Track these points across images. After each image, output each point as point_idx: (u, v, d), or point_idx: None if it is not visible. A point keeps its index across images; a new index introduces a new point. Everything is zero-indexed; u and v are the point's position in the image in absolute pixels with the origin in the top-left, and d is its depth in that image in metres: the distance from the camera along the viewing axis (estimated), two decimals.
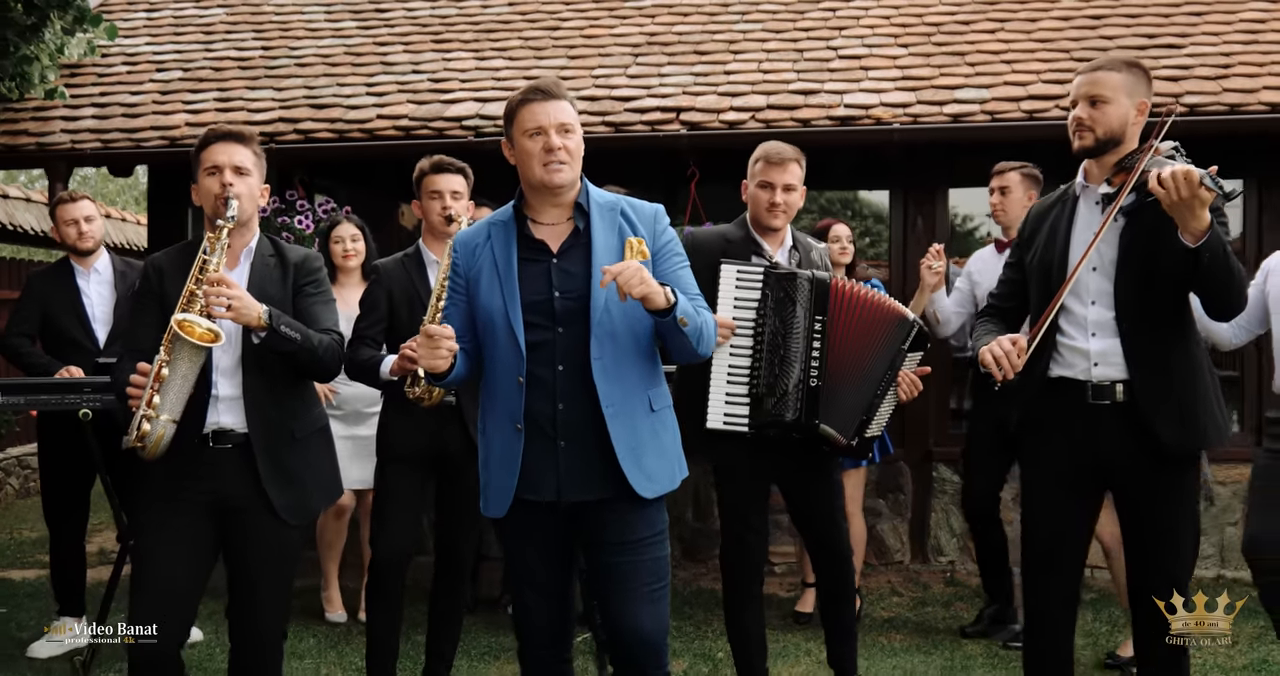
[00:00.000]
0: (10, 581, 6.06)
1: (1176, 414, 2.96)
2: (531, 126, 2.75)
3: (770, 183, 3.71)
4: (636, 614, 2.78)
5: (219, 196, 3.06)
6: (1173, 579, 3.02)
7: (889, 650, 4.63)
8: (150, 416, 2.89)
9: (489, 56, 6.56)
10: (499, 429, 2.78)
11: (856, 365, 3.58)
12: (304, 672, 4.39)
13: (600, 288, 2.69)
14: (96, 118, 6.21)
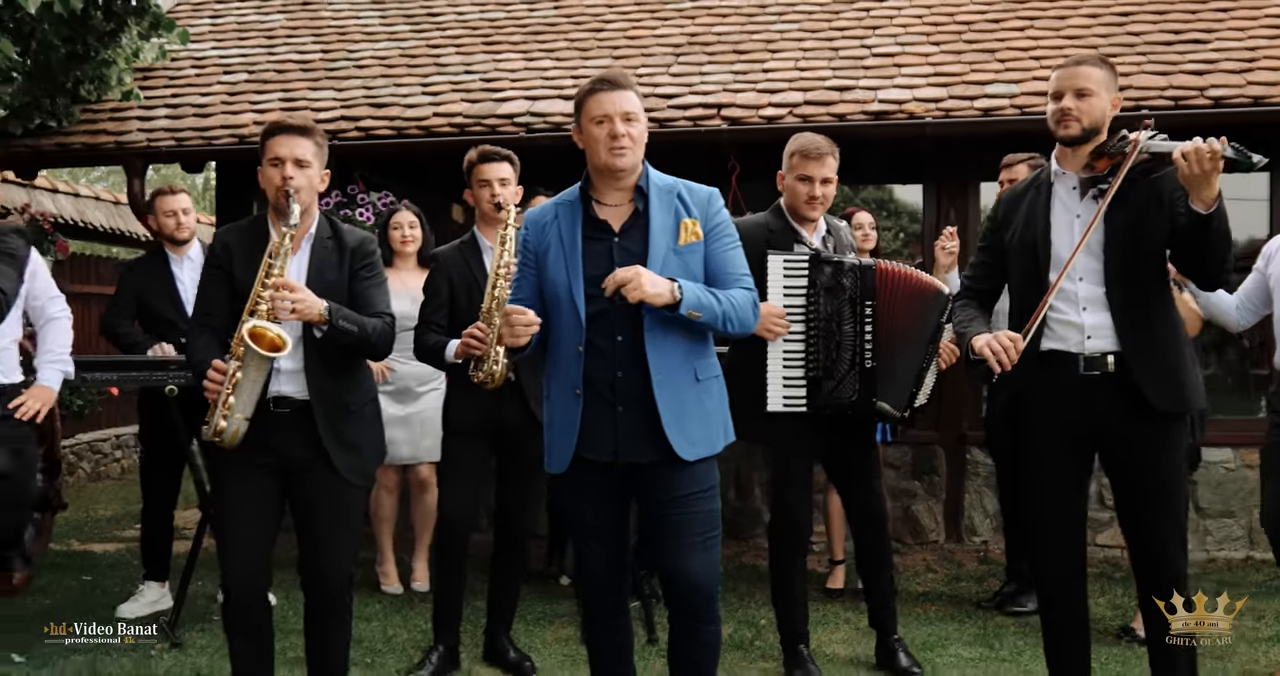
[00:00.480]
0: (93, 553, 6.44)
1: (1163, 378, 3.18)
2: (598, 114, 3.00)
3: (809, 176, 3.96)
4: (689, 562, 3.03)
5: (280, 188, 3.34)
6: (1167, 539, 3.24)
7: (923, 619, 4.88)
8: (226, 415, 3.21)
9: (537, 57, 6.86)
10: (561, 393, 3.05)
11: (904, 341, 3.84)
12: (373, 633, 4.71)
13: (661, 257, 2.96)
14: (170, 118, 6.57)
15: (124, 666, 4.29)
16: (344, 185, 6.36)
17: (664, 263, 2.98)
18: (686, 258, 3.03)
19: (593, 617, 3.28)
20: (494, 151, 4.16)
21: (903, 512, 6.25)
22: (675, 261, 3.01)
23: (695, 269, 3.04)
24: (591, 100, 3.03)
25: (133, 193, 6.50)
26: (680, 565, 3.05)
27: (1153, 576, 3.29)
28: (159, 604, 5.11)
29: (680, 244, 3.03)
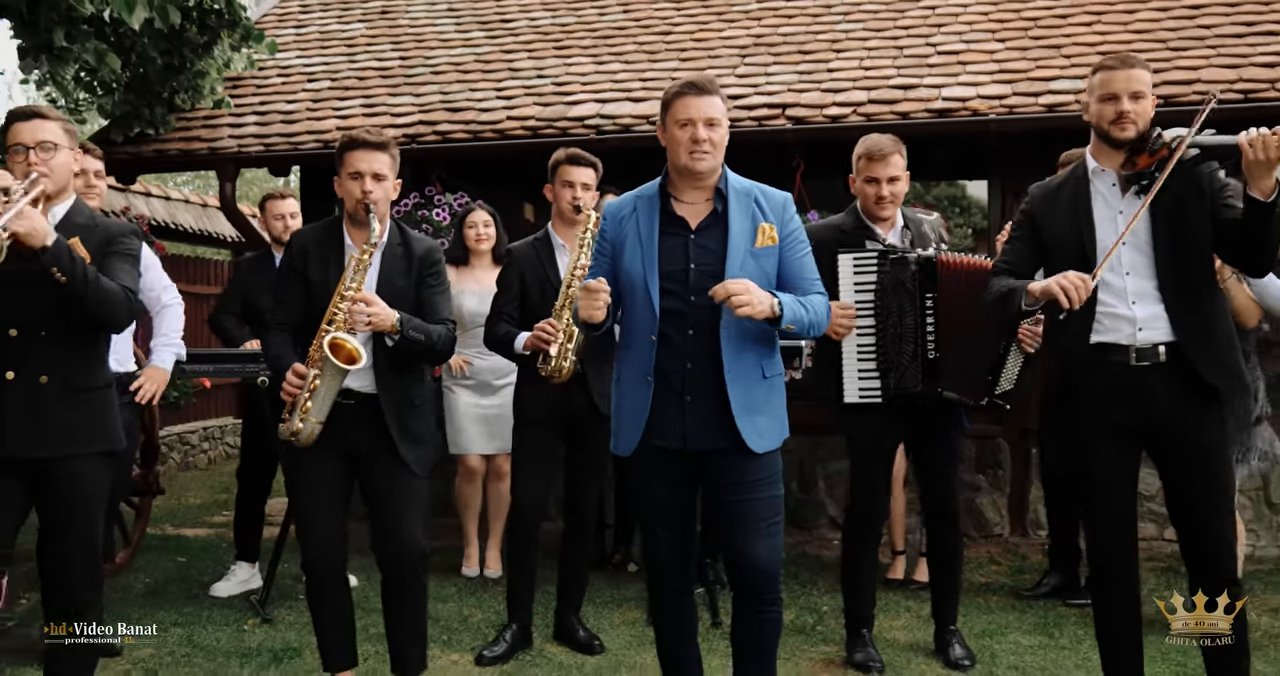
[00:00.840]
0: (186, 537, 6.77)
1: (1219, 360, 3.28)
2: (683, 117, 3.13)
3: (875, 177, 4.08)
4: (754, 546, 3.19)
5: (360, 202, 3.56)
6: (1221, 514, 3.32)
7: (985, 608, 4.96)
8: (304, 418, 3.46)
9: (606, 61, 7.05)
10: (632, 380, 3.20)
11: (970, 330, 3.93)
12: (449, 613, 4.93)
13: (739, 259, 3.12)
14: (258, 124, 6.88)
15: (219, 639, 4.57)
16: (421, 187, 6.62)
17: (742, 264, 3.13)
18: (762, 260, 3.17)
19: (659, 600, 3.45)
20: (582, 156, 4.33)
21: (967, 506, 6.32)
22: (752, 264, 3.15)
23: (770, 271, 3.18)
24: (678, 103, 3.16)
25: (224, 195, 6.82)
26: (746, 549, 3.20)
27: (1205, 570, 3.35)
28: (249, 583, 5.39)
29: (757, 247, 3.17)
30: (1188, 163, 3.24)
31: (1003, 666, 4.18)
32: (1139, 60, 3.43)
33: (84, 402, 3.32)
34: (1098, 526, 3.49)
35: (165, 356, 4.62)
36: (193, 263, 10.67)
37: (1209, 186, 3.27)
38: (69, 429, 3.27)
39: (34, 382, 3.23)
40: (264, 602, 4.96)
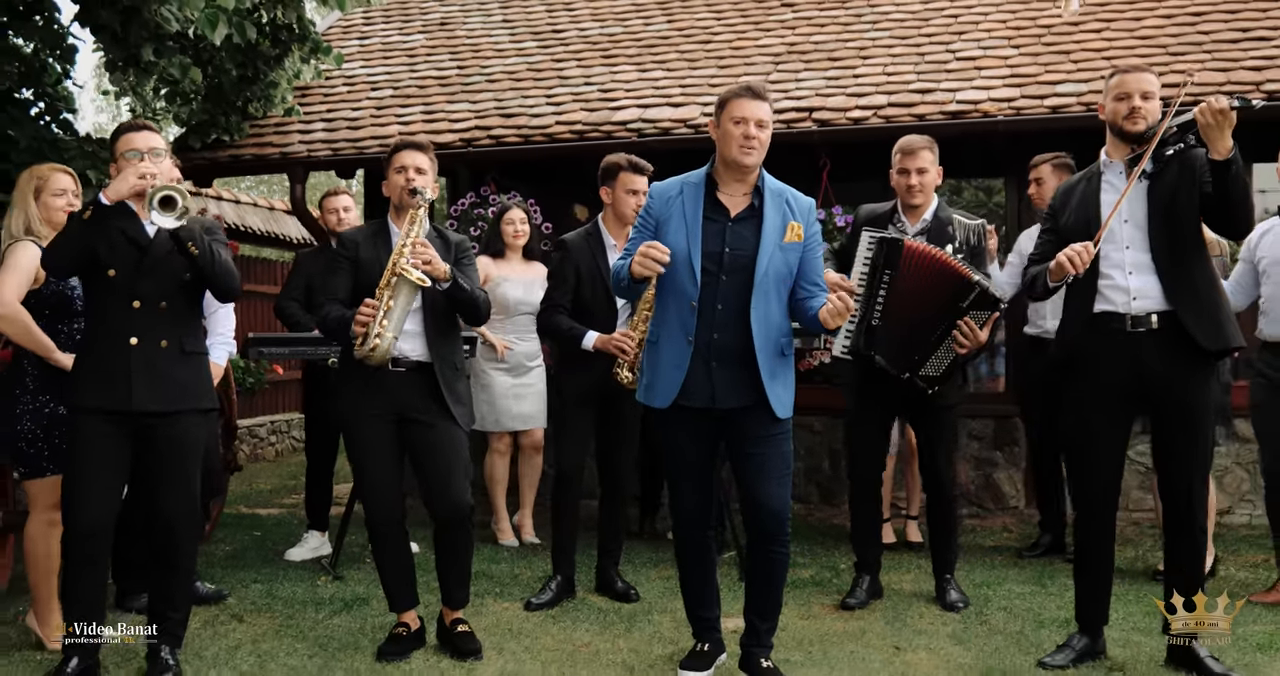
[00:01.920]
0: (259, 515, 7.35)
1: (1208, 323, 3.69)
2: (738, 116, 3.58)
3: (906, 168, 4.61)
4: (769, 491, 3.68)
5: (404, 188, 4.12)
6: (1199, 469, 3.77)
7: (988, 565, 5.41)
8: (380, 333, 3.96)
9: (649, 68, 7.55)
10: (672, 340, 3.64)
11: (913, 312, 4.40)
12: (501, 573, 5.44)
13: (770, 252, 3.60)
14: (326, 131, 7.46)
15: (295, 592, 5.10)
16: (477, 187, 7.16)
17: (771, 255, 3.61)
18: (788, 254, 3.65)
19: (683, 543, 3.93)
20: (643, 166, 4.80)
21: (984, 480, 6.76)
22: (779, 256, 3.63)
23: (793, 265, 3.66)
24: (735, 103, 3.62)
25: (295, 196, 7.41)
26: (762, 494, 3.69)
27: (1176, 516, 3.81)
28: (320, 549, 5.94)
29: (785, 241, 3.64)
30: (1170, 138, 3.69)
31: (994, 608, 4.64)
32: (1148, 67, 3.95)
33: (193, 364, 3.91)
34: (1085, 477, 3.93)
35: (220, 353, 5.12)
36: (259, 263, 11.31)
37: (1198, 168, 3.69)
38: (181, 386, 3.83)
39: (155, 347, 3.79)
40: (335, 563, 5.51)
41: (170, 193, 3.58)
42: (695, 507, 3.85)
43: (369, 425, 4.11)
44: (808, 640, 4.22)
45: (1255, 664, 3.86)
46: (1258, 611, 4.54)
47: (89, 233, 3.68)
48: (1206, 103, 3.51)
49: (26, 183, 4.26)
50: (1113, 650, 3.99)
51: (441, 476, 4.13)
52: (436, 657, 4.09)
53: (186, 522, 3.91)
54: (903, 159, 4.62)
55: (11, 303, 4.06)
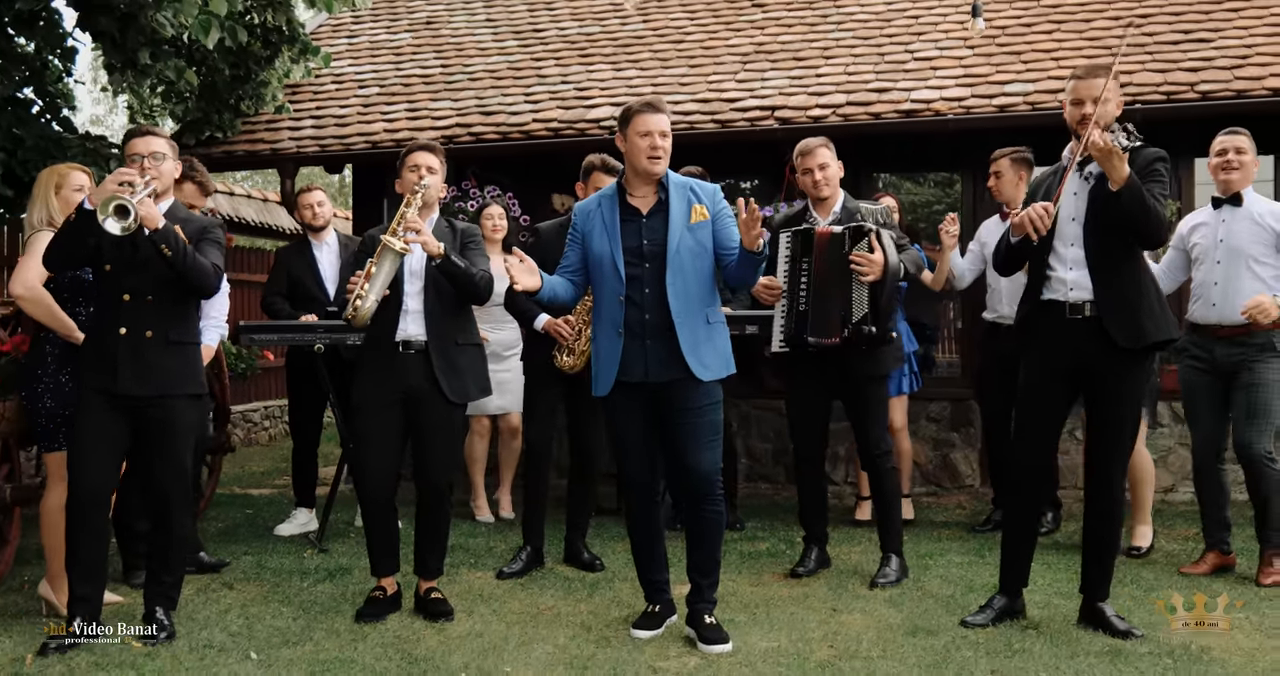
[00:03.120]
0: (251, 495, 7.71)
1: (1124, 321, 4.02)
2: (644, 130, 4.04)
3: (808, 168, 4.94)
4: (699, 456, 4.06)
5: (414, 183, 4.46)
6: (1118, 446, 4.12)
7: (934, 539, 5.77)
8: (361, 297, 4.30)
9: (624, 67, 7.88)
10: (605, 334, 4.10)
11: (827, 284, 4.72)
12: (477, 546, 5.78)
13: (679, 234, 4.00)
14: (314, 127, 7.79)
15: (283, 563, 5.45)
16: (459, 181, 7.49)
17: (680, 236, 4.03)
18: (697, 233, 4.08)
19: (632, 511, 4.31)
20: (614, 167, 5.16)
21: (941, 460, 7.11)
22: (689, 237, 4.06)
23: (705, 242, 4.09)
24: (639, 118, 4.06)
25: (285, 191, 7.73)
26: (692, 460, 4.07)
27: (1096, 489, 4.17)
28: (307, 525, 6.28)
29: (692, 222, 4.08)
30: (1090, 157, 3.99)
31: (932, 576, 5.00)
32: (1105, 70, 4.13)
33: (179, 353, 4.24)
34: (1022, 449, 4.28)
35: (213, 335, 5.45)
36: (253, 254, 11.63)
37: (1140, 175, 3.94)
38: (167, 373, 4.18)
39: (141, 336, 4.13)
40: (321, 538, 5.86)
41: (124, 203, 3.89)
42: (642, 478, 4.23)
43: (377, 409, 4.48)
44: (754, 603, 4.57)
45: (1158, 623, 4.20)
46: (1176, 579, 4.91)
47: (77, 234, 4.01)
48: (1091, 139, 3.81)
49: (48, 179, 4.61)
50: (1032, 611, 4.35)
51: (424, 454, 4.51)
52: (410, 619, 4.45)
53: (179, 493, 4.27)
54: (803, 159, 4.95)
55: (35, 286, 4.42)
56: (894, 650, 3.94)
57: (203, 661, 3.95)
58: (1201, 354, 4.98)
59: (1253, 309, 4.70)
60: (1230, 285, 4.86)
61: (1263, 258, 4.85)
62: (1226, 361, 4.87)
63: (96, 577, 4.21)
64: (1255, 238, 4.86)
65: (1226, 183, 4.94)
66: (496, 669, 3.82)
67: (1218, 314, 4.89)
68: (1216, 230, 4.96)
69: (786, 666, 3.79)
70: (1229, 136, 4.97)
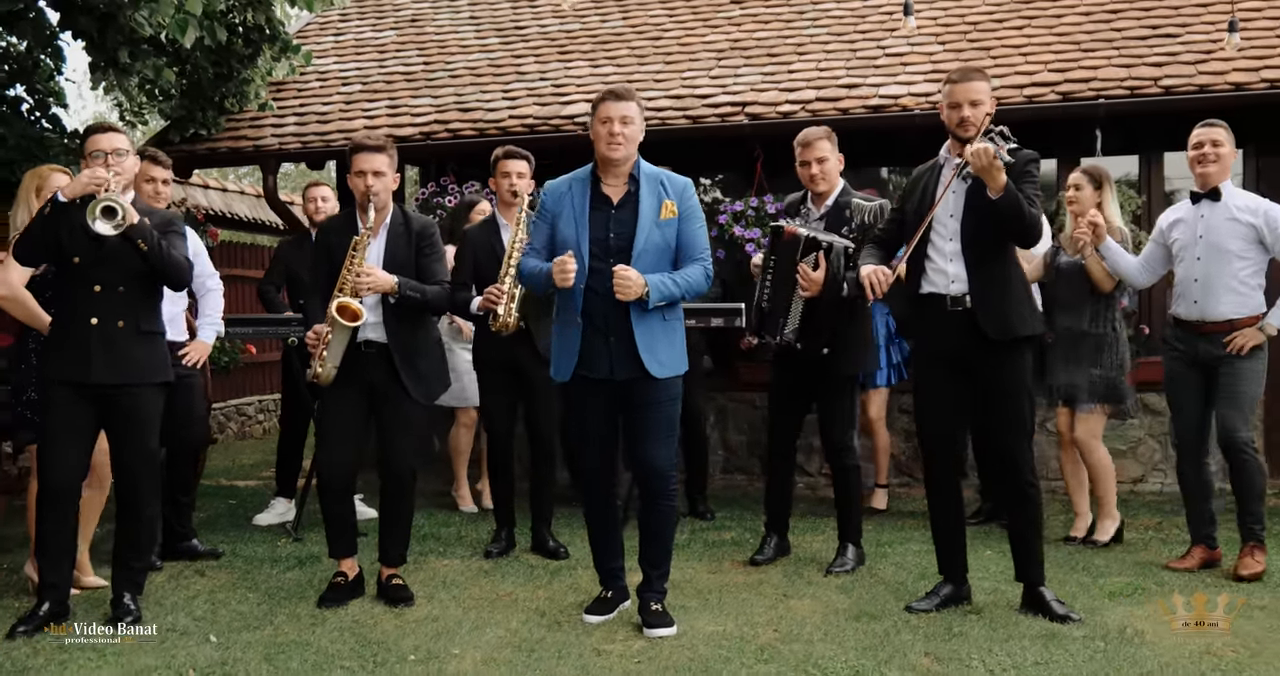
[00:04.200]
0: (237, 487, 7.84)
1: (994, 314, 4.14)
2: (603, 116, 4.08)
3: (806, 160, 4.99)
4: (654, 451, 4.14)
5: (364, 193, 4.53)
6: (1014, 430, 4.23)
7: (897, 528, 5.87)
8: (322, 365, 4.48)
9: (601, 64, 7.96)
10: (566, 322, 4.13)
11: (779, 285, 4.79)
12: (450, 535, 5.88)
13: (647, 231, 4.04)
14: (297, 124, 7.90)
15: (256, 552, 5.56)
16: (438, 177, 7.60)
17: (649, 233, 4.05)
18: (665, 230, 4.10)
19: (589, 501, 4.38)
20: (515, 151, 5.36)
21: (915, 452, 7.17)
22: (657, 233, 4.08)
23: (670, 239, 4.11)
24: (601, 106, 4.12)
25: (268, 187, 7.86)
26: (648, 455, 4.15)
27: (1006, 478, 4.29)
28: (286, 514, 6.40)
29: (661, 219, 4.10)
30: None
31: (887, 563, 5.11)
32: (980, 72, 4.31)
33: (148, 342, 4.36)
34: (927, 439, 4.41)
35: (208, 333, 5.54)
36: (247, 249, 11.76)
37: (1014, 178, 4.05)
38: (137, 363, 4.29)
39: (113, 327, 4.24)
40: (297, 527, 5.98)
41: (111, 204, 4.03)
42: (598, 468, 4.30)
43: (338, 399, 4.60)
44: (707, 590, 4.67)
45: (1100, 608, 4.30)
46: (1126, 566, 4.99)
47: (50, 226, 4.14)
48: (975, 150, 3.92)
49: (30, 182, 4.74)
50: (979, 597, 4.44)
51: (388, 445, 4.63)
52: (371, 605, 4.56)
53: (147, 479, 4.39)
54: (802, 151, 5.01)
55: (15, 286, 4.55)
56: (835, 633, 4.03)
57: (163, 644, 4.07)
58: (1184, 348, 4.98)
59: (1239, 342, 4.78)
60: (1210, 282, 4.84)
61: (1243, 253, 4.82)
62: (1209, 356, 4.89)
63: (64, 565, 4.33)
64: (1234, 233, 4.82)
65: (1204, 176, 4.90)
66: (445, 651, 3.93)
67: (1199, 311, 4.88)
68: (1195, 227, 4.92)
69: (727, 649, 3.88)
70: (1205, 129, 4.94)
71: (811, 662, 3.72)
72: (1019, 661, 3.70)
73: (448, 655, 3.89)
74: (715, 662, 3.75)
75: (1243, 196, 4.96)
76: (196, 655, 3.94)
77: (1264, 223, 4.80)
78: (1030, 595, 4.26)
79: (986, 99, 4.20)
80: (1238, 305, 4.83)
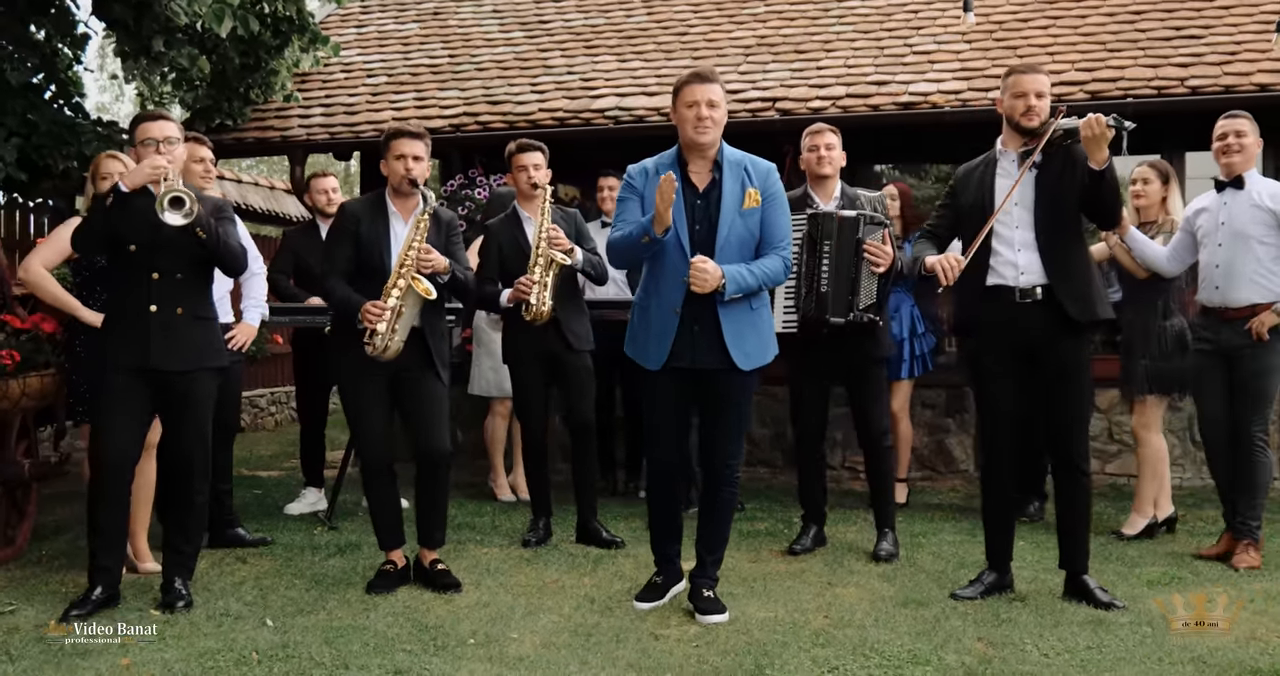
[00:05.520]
0: (260, 477, 7.87)
1: (1077, 298, 4.20)
2: (689, 99, 4.02)
3: (815, 145, 5.11)
4: (725, 442, 4.22)
5: (404, 177, 4.58)
6: (1076, 419, 4.31)
7: (928, 519, 5.94)
8: (391, 337, 4.49)
9: (628, 58, 8.02)
10: (661, 310, 4.11)
11: (842, 265, 4.88)
12: (483, 525, 5.93)
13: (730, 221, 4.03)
14: (324, 115, 7.94)
15: (295, 540, 5.60)
16: (466, 169, 7.64)
17: (731, 223, 4.05)
18: (748, 219, 4.09)
19: (654, 484, 4.44)
20: (529, 143, 5.38)
21: (936, 446, 7.27)
22: (740, 223, 4.07)
23: (754, 228, 4.10)
24: (686, 89, 4.07)
25: (295, 177, 7.89)
26: (720, 444, 4.23)
27: (1061, 459, 4.35)
28: (316, 504, 6.44)
29: (744, 208, 4.09)
30: (1057, 140, 4.17)
31: (925, 553, 5.16)
32: (1041, 68, 4.41)
33: (204, 328, 4.41)
34: (988, 430, 4.46)
35: (254, 315, 5.61)
36: (259, 240, 11.75)
37: (1079, 163, 4.16)
38: (195, 348, 4.34)
39: (172, 313, 4.29)
40: (330, 516, 6.02)
41: (179, 195, 4.06)
42: (670, 454, 4.34)
43: (366, 384, 4.63)
44: (752, 578, 4.73)
45: (1140, 596, 4.37)
46: (1159, 556, 5.07)
47: (110, 217, 4.18)
48: (1090, 117, 3.99)
49: (94, 167, 4.81)
50: (1020, 585, 4.51)
51: (425, 424, 4.67)
52: (420, 591, 4.60)
53: (200, 464, 4.43)
54: (811, 138, 5.15)
55: (36, 270, 4.60)
56: (886, 619, 4.10)
57: (220, 628, 4.10)
58: (1210, 336, 5.08)
59: (1255, 326, 4.88)
60: (1232, 268, 4.95)
61: (1264, 238, 4.91)
62: (1231, 344, 4.98)
63: (117, 548, 4.38)
64: (1255, 219, 4.92)
65: (1229, 165, 5.00)
66: (503, 635, 3.98)
67: (1221, 296, 4.99)
68: (1218, 214, 5.03)
69: (783, 634, 3.95)
70: (1229, 120, 5.05)
71: (867, 647, 3.78)
72: (1071, 646, 3.77)
73: (506, 639, 3.94)
74: (772, 647, 3.81)
75: (1266, 183, 5.06)
76: (256, 638, 3.98)
77: None
78: (1074, 583, 4.33)
79: (1049, 93, 4.27)
80: (1259, 290, 4.94)
